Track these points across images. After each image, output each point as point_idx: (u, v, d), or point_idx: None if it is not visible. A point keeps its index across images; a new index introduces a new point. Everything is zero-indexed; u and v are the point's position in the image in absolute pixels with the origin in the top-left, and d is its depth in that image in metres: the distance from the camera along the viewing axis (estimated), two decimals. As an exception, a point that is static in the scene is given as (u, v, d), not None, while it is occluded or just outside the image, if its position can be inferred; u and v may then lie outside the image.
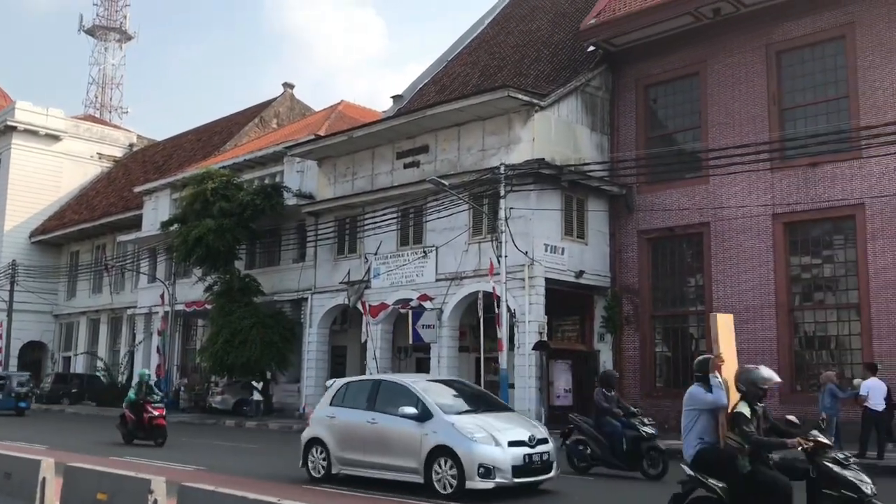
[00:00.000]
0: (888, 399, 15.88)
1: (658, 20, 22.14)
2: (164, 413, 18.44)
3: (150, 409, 18.12)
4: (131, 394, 18.82)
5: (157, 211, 35.89)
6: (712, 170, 21.12)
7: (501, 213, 20.84)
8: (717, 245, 21.30)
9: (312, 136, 28.46)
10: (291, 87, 44.04)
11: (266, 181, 30.53)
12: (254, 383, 26.63)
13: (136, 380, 22.38)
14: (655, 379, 22.57)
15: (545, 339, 21.19)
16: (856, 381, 16.74)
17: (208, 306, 29.89)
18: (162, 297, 32.82)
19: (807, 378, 19.66)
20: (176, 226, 29.92)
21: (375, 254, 25.08)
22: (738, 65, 21.53)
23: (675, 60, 22.86)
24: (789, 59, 20.92)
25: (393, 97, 31.74)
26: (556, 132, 22.64)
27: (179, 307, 32.71)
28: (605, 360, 22.94)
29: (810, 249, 20.30)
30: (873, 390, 14.98)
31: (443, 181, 21.16)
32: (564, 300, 22.60)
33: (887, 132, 18.04)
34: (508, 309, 20.80)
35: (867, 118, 18.98)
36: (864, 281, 18.84)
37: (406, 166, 24.99)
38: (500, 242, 20.71)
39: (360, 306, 25.12)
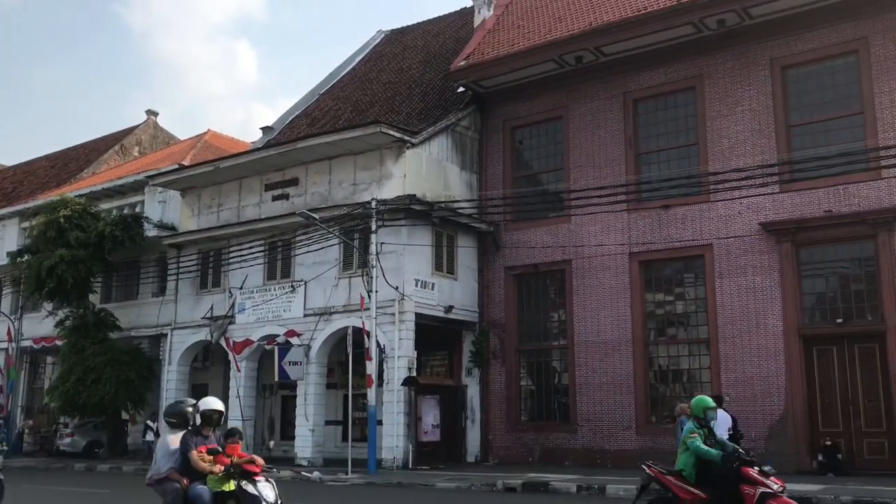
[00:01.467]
0: (734, 429, 16.88)
1: (524, 65, 22.99)
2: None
3: (764, 480, 8.73)
4: (697, 444, 9.23)
5: (3, 241, 33.58)
6: (573, 210, 22.00)
7: (372, 248, 20.84)
8: (579, 282, 22.12)
9: (176, 166, 27.56)
10: (155, 114, 42.58)
11: (126, 211, 29.24)
12: (149, 423, 24.88)
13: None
14: (521, 413, 23.01)
15: (414, 374, 21.24)
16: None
17: (59, 342, 28.09)
18: (8, 332, 30.59)
19: (661, 410, 20.61)
20: (26, 256, 28.07)
21: (241, 288, 24.44)
22: (598, 110, 22.63)
23: (540, 104, 23.77)
24: (644, 106, 22.20)
25: (263, 128, 31.27)
26: (427, 169, 22.96)
27: (26, 343, 30.56)
28: (473, 395, 23.23)
29: (664, 287, 21.42)
30: (718, 422, 15.84)
31: (313, 215, 20.96)
32: (434, 335, 22.76)
33: (732, 178, 19.42)
34: (378, 345, 20.73)
35: (715, 164, 20.35)
36: (712, 317, 20.04)
37: (275, 199, 24.60)
38: (371, 277, 20.69)
39: (223, 342, 24.35)
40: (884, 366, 17.95)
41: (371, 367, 20.06)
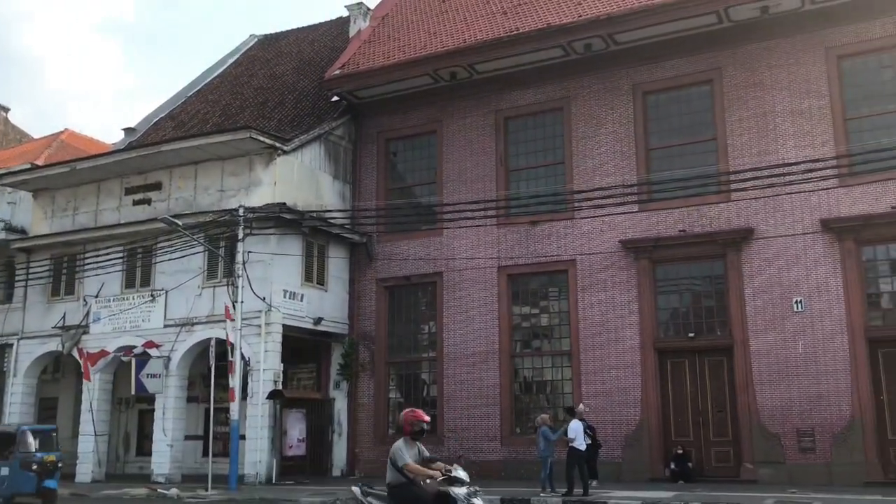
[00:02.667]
0: (593, 439, 17.50)
1: (399, 78, 23.08)
2: None
3: None
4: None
5: None
6: (446, 223, 22.24)
7: (239, 257, 20.28)
8: (449, 294, 22.34)
9: (28, 165, 25.88)
10: (6, 110, 39.82)
11: (-31, 212, 27.14)
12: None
13: None
14: (388, 425, 22.93)
15: (280, 387, 20.77)
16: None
17: None
18: None
19: (525, 421, 21.06)
20: None
21: (96, 296, 23.17)
22: (470, 126, 23.00)
23: (414, 117, 23.92)
24: (515, 124, 22.73)
25: (125, 129, 29.90)
26: (299, 177, 22.59)
27: None
28: (340, 408, 22.97)
29: (530, 300, 21.94)
30: (577, 432, 16.42)
31: (176, 221, 20.16)
32: (301, 347, 22.38)
33: (595, 196, 20.17)
34: (243, 357, 20.14)
35: (580, 183, 21.08)
36: (574, 330, 20.69)
37: (136, 203, 23.53)
38: (237, 287, 20.11)
39: (76, 353, 22.99)
40: (731, 378, 19.07)
41: (234, 380, 19.46)
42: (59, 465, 17.47)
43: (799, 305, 18.44)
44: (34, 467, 16.60)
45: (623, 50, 21.00)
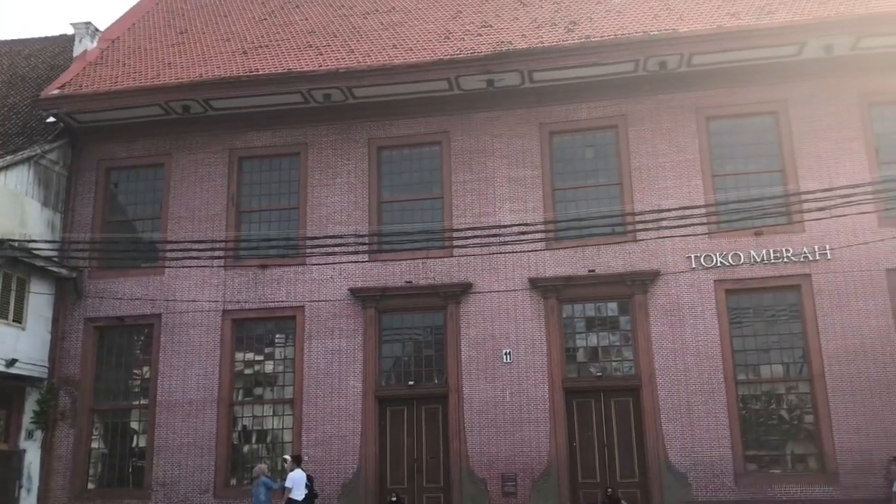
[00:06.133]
0: (310, 488, 17.34)
1: (126, 105, 21.74)
2: None
3: None
4: None
5: None
6: (168, 262, 21.14)
7: (-85, 288, 17.67)
8: (168, 338, 21.14)
9: None
10: None
11: None
12: None
13: None
14: (88, 479, 20.96)
15: (-43, 437, 18.23)
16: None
17: None
18: None
19: (242, 472, 20.34)
20: None
21: None
22: (201, 163, 22.22)
23: (141, 148, 22.64)
24: (249, 165, 22.32)
25: None
26: (2, 202, 20.30)
27: None
28: (32, 461, 20.62)
29: (255, 346, 21.41)
30: (297, 481, 16.21)
31: None
32: (-12, 392, 19.86)
33: (327, 244, 20.34)
34: (-89, 402, 17.44)
35: (313, 229, 21.15)
36: (299, 378, 20.48)
37: None
38: None
39: None
40: (445, 425, 19.92)
41: None
42: None
43: (508, 357, 19.83)
44: None
45: (361, 104, 21.60)
